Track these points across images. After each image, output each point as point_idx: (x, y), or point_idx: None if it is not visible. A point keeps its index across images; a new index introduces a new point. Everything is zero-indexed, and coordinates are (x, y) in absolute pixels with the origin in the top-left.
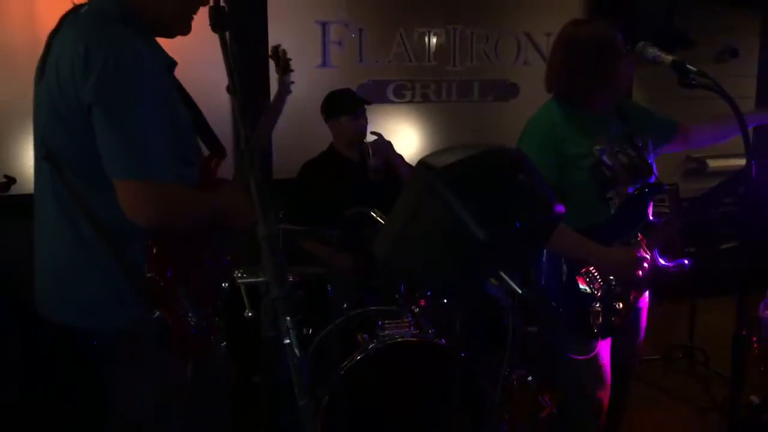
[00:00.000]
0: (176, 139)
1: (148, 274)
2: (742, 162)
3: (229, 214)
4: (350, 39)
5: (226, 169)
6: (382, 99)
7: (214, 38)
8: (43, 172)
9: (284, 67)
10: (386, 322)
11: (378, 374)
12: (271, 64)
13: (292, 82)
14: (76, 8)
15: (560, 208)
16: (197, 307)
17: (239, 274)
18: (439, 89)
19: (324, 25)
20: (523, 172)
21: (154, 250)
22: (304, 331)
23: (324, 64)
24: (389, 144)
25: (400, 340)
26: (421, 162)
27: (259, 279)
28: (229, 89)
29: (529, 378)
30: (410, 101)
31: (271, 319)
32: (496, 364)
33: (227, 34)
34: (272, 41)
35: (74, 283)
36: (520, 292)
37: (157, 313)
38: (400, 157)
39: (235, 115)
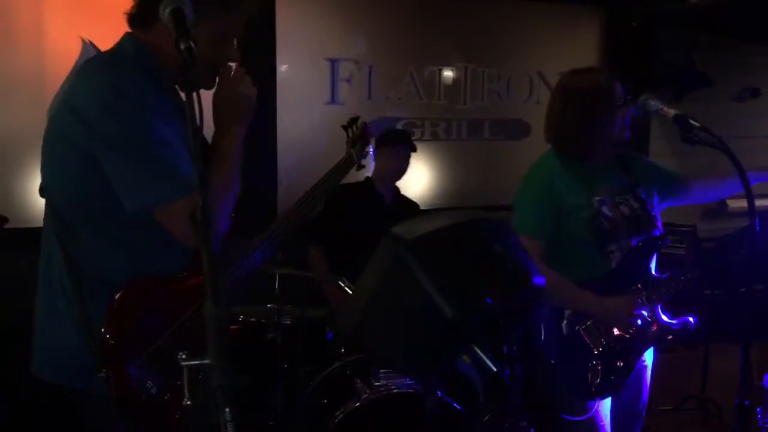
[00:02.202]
0: None
1: (103, 331)
2: (765, 202)
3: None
4: (360, 76)
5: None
6: None
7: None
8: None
9: (356, 139)
10: (383, 370)
11: (372, 425)
12: (279, 101)
13: (366, 155)
14: (98, 53)
15: (539, 281)
16: (167, 373)
17: (183, 355)
18: (449, 127)
19: (334, 62)
20: (500, 243)
21: (115, 306)
22: (300, 374)
23: (333, 101)
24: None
25: (395, 391)
26: (389, 233)
27: (204, 361)
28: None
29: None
30: (419, 139)
31: (213, 407)
32: (494, 418)
33: (194, 95)
34: (281, 77)
35: (44, 330)
36: (494, 369)
37: (102, 373)
38: None
39: (200, 177)
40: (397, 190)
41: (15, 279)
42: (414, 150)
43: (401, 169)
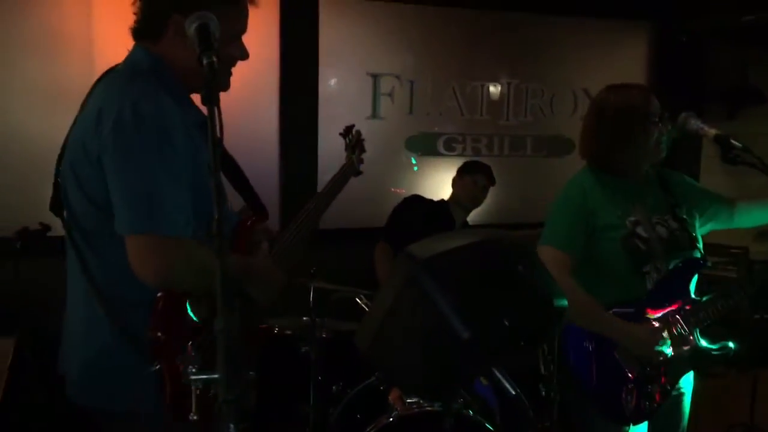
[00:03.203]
0: (201, 198)
1: (151, 330)
2: None
3: (251, 284)
4: (401, 91)
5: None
6: (432, 152)
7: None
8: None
9: (355, 146)
10: None
11: None
12: (321, 115)
13: (362, 162)
14: (115, 66)
15: (562, 303)
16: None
17: (192, 369)
18: (491, 143)
19: (375, 77)
20: (523, 264)
21: (160, 306)
22: (334, 388)
23: (374, 115)
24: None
25: (428, 408)
26: (405, 251)
27: (213, 376)
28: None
29: None
30: (461, 155)
31: (221, 422)
32: None
33: (216, 109)
34: (323, 91)
35: (76, 346)
36: (513, 392)
37: (156, 366)
38: None
39: (217, 191)
40: (467, 220)
41: (58, 286)
42: (493, 183)
43: (476, 198)
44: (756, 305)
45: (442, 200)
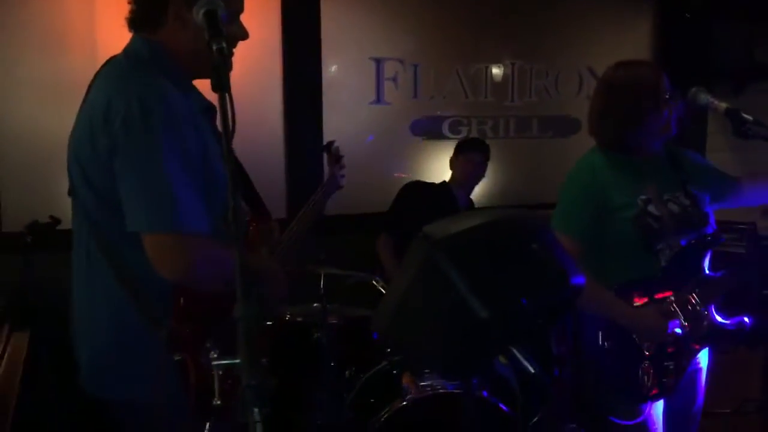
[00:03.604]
0: (211, 191)
1: (174, 321)
2: None
3: (261, 281)
4: (405, 75)
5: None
6: (437, 135)
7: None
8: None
9: (336, 160)
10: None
11: (418, 424)
12: (325, 102)
13: (343, 176)
14: (114, 56)
15: (579, 281)
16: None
17: (214, 355)
18: (497, 125)
19: (378, 62)
20: (538, 242)
21: (181, 300)
22: (347, 373)
23: (378, 100)
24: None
25: (441, 390)
26: (422, 233)
27: (236, 361)
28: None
29: None
30: (466, 137)
31: (242, 407)
32: (543, 420)
33: (227, 95)
34: (326, 77)
35: (96, 337)
36: (532, 371)
37: (179, 357)
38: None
39: (232, 179)
40: (470, 197)
41: (69, 279)
42: (487, 159)
43: (474, 176)
44: (765, 281)
45: (444, 182)
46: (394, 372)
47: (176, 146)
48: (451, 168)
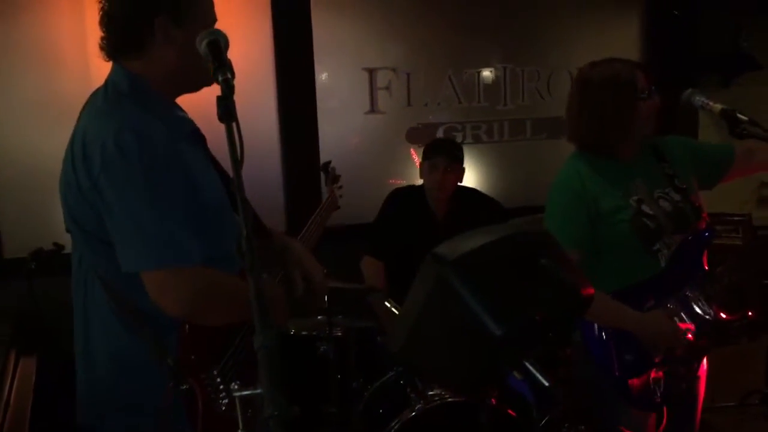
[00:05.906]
0: (202, 218)
1: (180, 352)
2: None
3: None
4: (398, 84)
5: None
6: None
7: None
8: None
9: (333, 180)
10: None
11: None
12: (320, 111)
13: (340, 197)
14: (98, 88)
15: (589, 292)
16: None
17: (235, 386)
18: (491, 129)
19: (371, 72)
20: (546, 257)
21: (187, 328)
22: (354, 385)
23: (372, 110)
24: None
25: (450, 400)
26: (433, 253)
27: (257, 391)
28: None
29: None
30: (461, 142)
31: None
32: (551, 423)
33: (234, 125)
34: (320, 89)
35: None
36: (546, 384)
37: (186, 386)
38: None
39: (243, 207)
40: (452, 202)
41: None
42: (457, 161)
43: (438, 183)
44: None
45: (420, 186)
46: (401, 382)
47: (157, 181)
48: (420, 176)
